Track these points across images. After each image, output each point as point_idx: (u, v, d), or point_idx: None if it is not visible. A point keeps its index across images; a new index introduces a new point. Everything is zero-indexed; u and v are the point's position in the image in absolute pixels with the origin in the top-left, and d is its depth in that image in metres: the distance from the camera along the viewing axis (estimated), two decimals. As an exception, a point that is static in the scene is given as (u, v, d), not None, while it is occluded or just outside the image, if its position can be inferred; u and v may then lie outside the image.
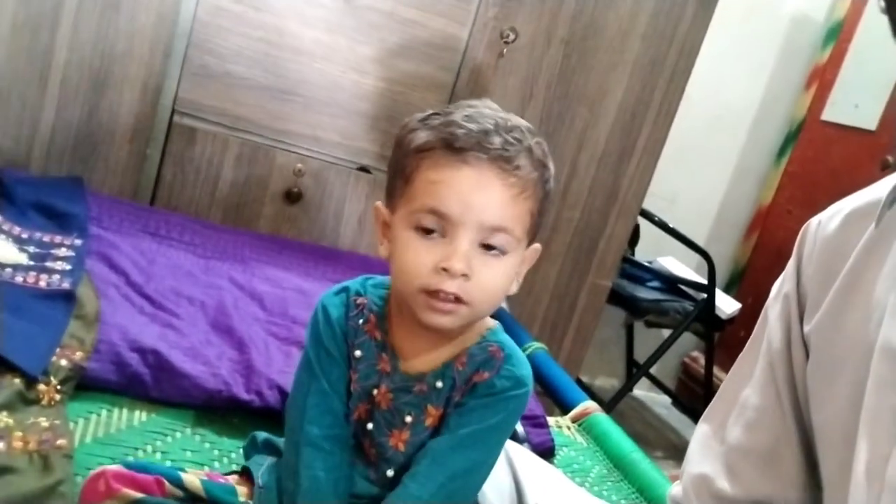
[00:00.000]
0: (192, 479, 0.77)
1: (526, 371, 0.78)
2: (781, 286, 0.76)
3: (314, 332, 0.79)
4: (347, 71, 1.81)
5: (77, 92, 1.67)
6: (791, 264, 0.75)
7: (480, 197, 0.70)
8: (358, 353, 0.78)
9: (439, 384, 0.76)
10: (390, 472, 0.77)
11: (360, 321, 0.78)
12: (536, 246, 0.78)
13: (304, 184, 1.85)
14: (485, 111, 0.74)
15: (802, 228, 0.76)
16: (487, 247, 0.72)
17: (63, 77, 1.66)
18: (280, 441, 0.84)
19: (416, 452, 0.76)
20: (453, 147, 0.70)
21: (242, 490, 0.81)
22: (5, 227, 1.30)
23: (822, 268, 0.71)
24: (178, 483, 0.76)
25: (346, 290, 0.80)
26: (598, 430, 1.32)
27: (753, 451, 0.75)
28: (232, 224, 1.80)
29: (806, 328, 0.71)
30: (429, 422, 0.76)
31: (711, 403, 0.83)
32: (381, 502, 0.75)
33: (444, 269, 0.70)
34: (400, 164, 0.74)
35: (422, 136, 0.72)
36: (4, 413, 0.88)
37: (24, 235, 1.30)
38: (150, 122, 1.73)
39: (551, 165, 0.76)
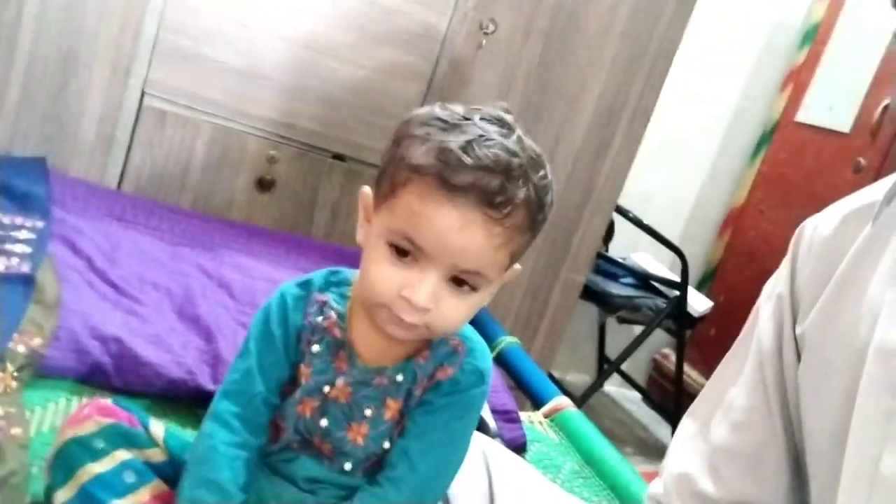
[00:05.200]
0: (157, 428, 0.78)
1: (488, 364, 0.77)
2: (774, 286, 0.75)
3: (264, 315, 0.77)
4: (325, 58, 1.78)
5: (44, 71, 1.61)
6: (785, 265, 0.75)
7: (459, 241, 0.65)
8: (315, 348, 0.76)
9: (400, 378, 0.75)
10: (348, 466, 0.76)
11: (320, 318, 0.76)
12: (516, 267, 0.74)
13: (278, 171, 1.81)
14: (491, 136, 0.66)
15: (798, 229, 0.75)
16: (458, 281, 0.69)
17: (30, 55, 1.59)
18: None
19: (375, 446, 0.75)
20: (444, 181, 0.64)
21: None
22: (-37, 207, 1.25)
23: (817, 269, 0.70)
24: (145, 426, 0.77)
25: (308, 283, 0.78)
26: (570, 426, 1.32)
27: (738, 452, 0.74)
28: (203, 211, 1.76)
29: (799, 329, 0.70)
30: (388, 415, 0.75)
31: (695, 402, 0.82)
32: (335, 486, 0.75)
33: (406, 298, 0.67)
34: (391, 167, 0.69)
35: (419, 154, 0.66)
36: (-44, 400, 0.84)
37: (-17, 216, 1.26)
38: (119, 103, 1.68)
39: (550, 199, 0.71)
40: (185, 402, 1.04)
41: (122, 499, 0.72)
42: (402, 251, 0.68)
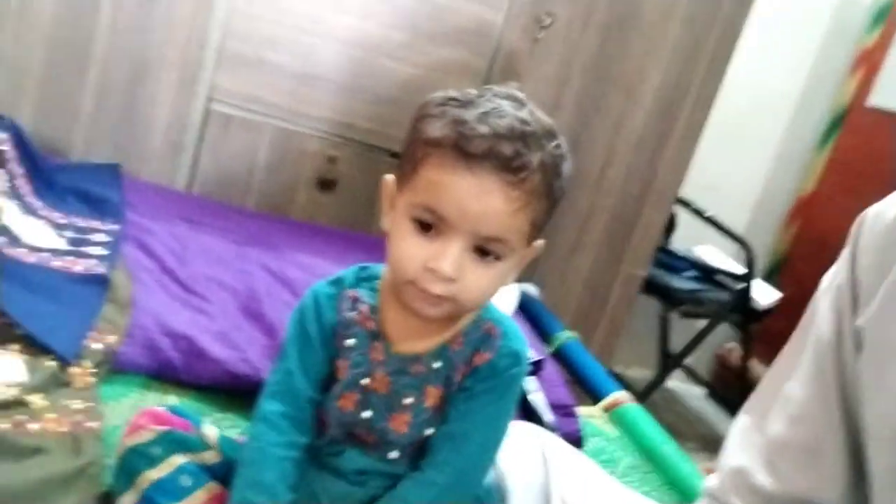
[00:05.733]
0: (210, 430, 0.82)
1: (522, 346, 0.78)
2: (834, 277, 0.73)
3: (299, 316, 0.79)
4: (381, 57, 1.80)
5: (116, 81, 1.69)
6: (845, 255, 0.73)
7: (479, 207, 0.68)
8: (350, 342, 0.78)
9: (436, 364, 0.77)
10: (393, 454, 0.78)
11: (352, 313, 0.78)
12: (539, 243, 0.76)
13: (338, 171, 1.85)
14: (504, 109, 0.69)
15: (858, 218, 0.73)
16: (482, 251, 0.70)
17: (103, 66, 1.68)
18: None
19: (418, 433, 0.77)
20: (461, 150, 0.67)
21: None
22: (44, 212, 1.32)
23: (877, 258, 0.68)
24: (198, 430, 0.81)
25: (339, 280, 0.81)
26: (629, 420, 1.31)
27: (795, 446, 0.72)
28: (266, 211, 1.81)
29: (859, 321, 0.69)
30: (429, 402, 0.77)
31: (752, 395, 0.81)
32: (382, 475, 0.77)
33: (431, 270, 0.69)
34: (411, 148, 0.72)
35: (435, 128, 0.70)
36: (39, 395, 0.89)
37: (63, 221, 1.33)
38: (187, 109, 1.74)
39: (566, 169, 0.73)
40: (250, 396, 1.07)
41: (179, 502, 0.76)
42: (426, 225, 0.69)
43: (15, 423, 0.83)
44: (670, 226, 2.40)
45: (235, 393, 1.08)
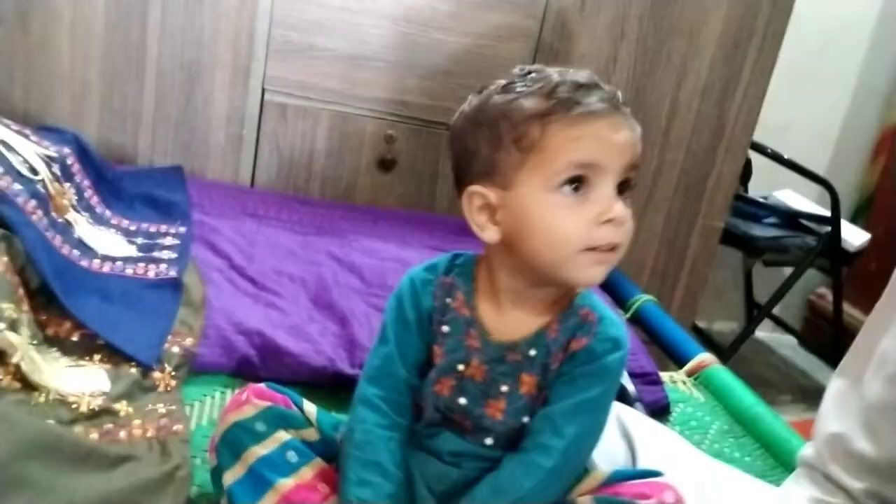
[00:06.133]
0: (310, 408, 0.83)
1: (621, 332, 0.77)
2: None
3: (397, 301, 0.80)
4: (429, 30, 1.77)
5: (172, 82, 1.71)
6: None
7: (621, 138, 0.71)
8: (445, 328, 0.78)
9: (532, 352, 0.76)
10: (489, 440, 0.77)
11: (448, 299, 0.79)
12: None
13: (397, 149, 1.84)
14: (568, 70, 0.74)
15: None
16: (620, 191, 0.72)
17: (158, 69, 1.70)
18: None
19: (514, 420, 0.76)
20: (579, 103, 0.70)
21: None
22: (114, 220, 1.35)
23: None
24: (300, 406, 0.82)
25: (434, 267, 0.81)
26: (716, 383, 1.26)
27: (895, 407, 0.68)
28: (330, 197, 1.81)
29: None
30: (524, 389, 0.76)
31: (846, 356, 0.76)
32: (478, 458, 0.77)
33: (609, 221, 0.70)
34: (509, 136, 0.72)
35: (534, 104, 0.71)
36: (124, 402, 0.92)
37: (132, 228, 1.35)
38: (243, 103, 1.75)
39: None
40: (328, 387, 1.08)
41: (288, 477, 0.77)
42: (576, 185, 0.71)
43: (103, 433, 0.85)
44: (746, 172, 2.31)
45: (314, 385, 1.08)
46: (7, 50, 1.62)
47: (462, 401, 0.77)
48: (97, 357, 0.98)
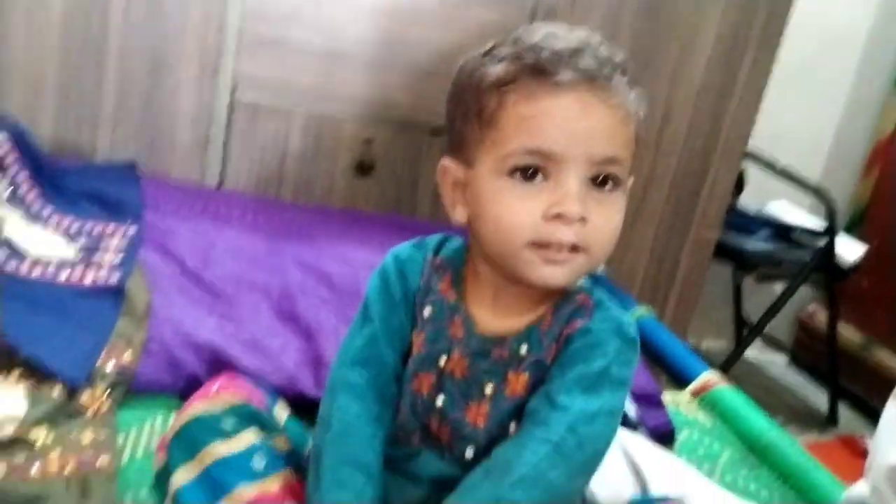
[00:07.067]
0: (282, 413, 0.76)
1: (625, 317, 0.67)
2: None
3: (381, 277, 0.72)
4: (411, 26, 1.67)
5: (134, 78, 1.59)
6: None
7: (586, 123, 0.61)
8: (427, 311, 0.70)
9: (524, 350, 0.66)
10: (469, 453, 0.67)
11: (435, 279, 0.71)
12: (630, 179, 0.68)
13: (376, 153, 1.73)
14: (558, 32, 0.64)
15: None
16: (599, 183, 0.63)
17: (119, 64, 1.58)
18: None
19: (498, 428, 0.66)
20: (544, 72, 0.61)
21: None
22: (55, 219, 1.22)
23: None
24: (271, 411, 0.74)
25: (422, 245, 0.73)
26: (724, 405, 1.14)
27: None
28: (304, 201, 1.70)
29: None
30: (509, 391, 0.66)
31: None
32: (458, 482, 0.65)
33: (558, 216, 0.61)
34: (473, 107, 0.64)
35: (498, 69, 0.63)
36: (44, 427, 0.78)
37: (75, 227, 1.22)
38: (211, 101, 1.64)
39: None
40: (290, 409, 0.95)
41: (249, 484, 0.66)
42: (529, 173, 0.62)
43: (12, 468, 0.71)
44: (739, 184, 2.23)
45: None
46: (-46, 40, 1.50)
47: (440, 401, 0.68)
48: (16, 373, 0.84)
